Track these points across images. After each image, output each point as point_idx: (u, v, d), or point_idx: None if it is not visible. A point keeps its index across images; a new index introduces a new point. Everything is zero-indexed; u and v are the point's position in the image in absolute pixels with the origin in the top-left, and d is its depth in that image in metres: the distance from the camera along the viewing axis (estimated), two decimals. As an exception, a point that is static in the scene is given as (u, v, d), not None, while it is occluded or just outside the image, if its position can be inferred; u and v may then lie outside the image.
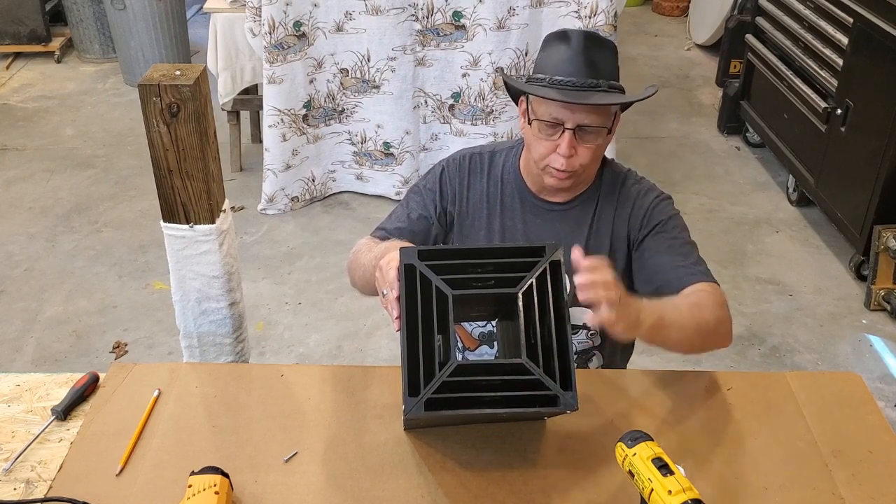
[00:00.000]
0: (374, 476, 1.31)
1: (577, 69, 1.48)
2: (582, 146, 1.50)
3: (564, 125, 1.48)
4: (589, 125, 1.49)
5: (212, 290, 1.61)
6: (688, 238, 1.60)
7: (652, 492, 1.05)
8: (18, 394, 1.49)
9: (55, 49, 5.34)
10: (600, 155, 1.58)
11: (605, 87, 1.48)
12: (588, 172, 1.58)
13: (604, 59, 1.50)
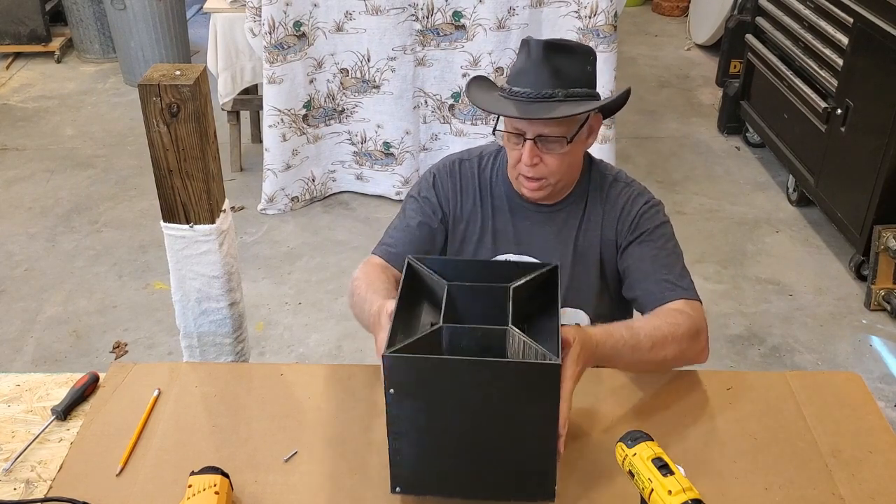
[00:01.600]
0: (373, 476, 1.31)
1: (533, 79, 1.46)
2: (547, 155, 1.50)
3: (525, 136, 1.49)
4: (549, 135, 1.48)
5: (212, 290, 1.61)
6: (674, 248, 1.58)
7: (652, 492, 1.05)
8: (18, 394, 1.49)
9: (55, 49, 5.34)
10: (574, 161, 1.56)
11: (562, 97, 1.45)
12: (565, 179, 1.57)
13: (567, 65, 1.46)
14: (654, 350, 1.39)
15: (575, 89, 1.46)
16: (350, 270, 3.55)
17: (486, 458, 1.23)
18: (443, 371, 1.17)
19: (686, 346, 1.43)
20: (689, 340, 1.44)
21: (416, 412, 1.19)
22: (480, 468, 1.24)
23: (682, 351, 1.43)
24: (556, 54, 1.46)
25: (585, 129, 1.52)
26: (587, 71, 1.49)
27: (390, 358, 1.15)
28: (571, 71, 1.46)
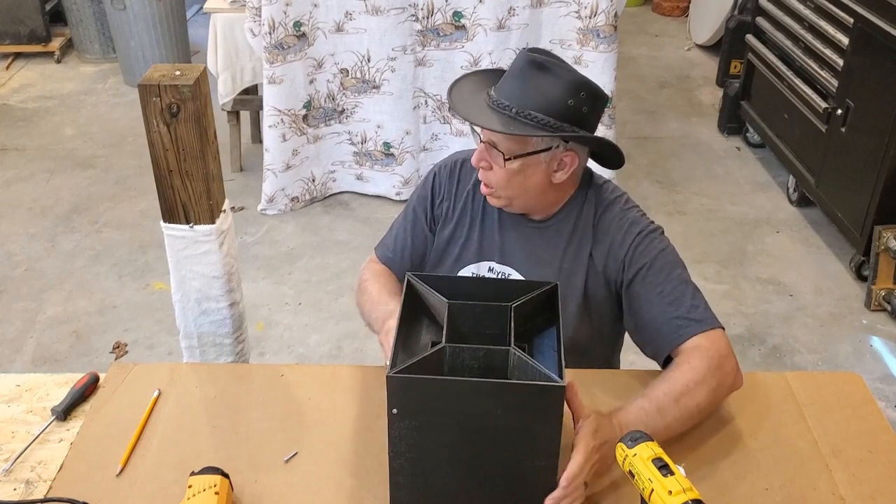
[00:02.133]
0: (374, 476, 1.31)
1: (503, 87, 1.44)
2: (496, 164, 1.47)
3: (481, 137, 1.48)
4: (494, 144, 1.45)
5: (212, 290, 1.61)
6: (679, 277, 1.48)
7: (652, 492, 1.05)
8: (18, 394, 1.49)
9: (55, 49, 5.34)
10: (528, 184, 1.48)
11: (513, 114, 1.40)
12: (522, 198, 1.51)
13: (542, 88, 1.40)
14: (681, 403, 1.33)
15: (534, 112, 1.39)
16: (350, 270, 3.57)
17: (487, 479, 1.22)
18: (446, 392, 1.16)
19: (715, 383, 1.36)
20: (715, 376, 1.36)
21: (417, 432, 1.19)
22: (480, 489, 1.23)
23: (713, 390, 1.36)
24: (537, 73, 1.41)
25: (545, 157, 1.45)
26: (566, 103, 1.39)
27: (393, 379, 1.15)
28: (543, 95, 1.40)
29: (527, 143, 1.44)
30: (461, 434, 1.19)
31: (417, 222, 1.67)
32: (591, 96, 1.42)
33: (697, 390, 1.34)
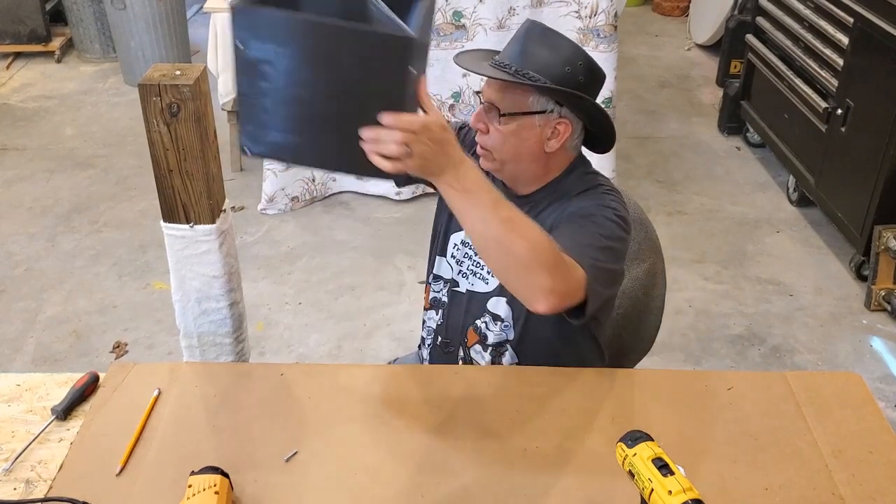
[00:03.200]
0: (374, 476, 1.31)
1: (505, 50, 1.52)
2: (492, 126, 1.51)
3: (482, 98, 1.53)
4: (492, 103, 1.50)
5: (212, 290, 1.60)
6: (597, 232, 1.44)
7: (652, 492, 1.05)
8: (18, 394, 1.49)
9: (55, 49, 5.34)
10: (521, 147, 1.50)
11: (512, 72, 1.47)
12: (513, 163, 1.53)
13: (542, 54, 1.47)
14: (510, 225, 1.24)
15: (533, 73, 1.46)
16: (350, 270, 3.57)
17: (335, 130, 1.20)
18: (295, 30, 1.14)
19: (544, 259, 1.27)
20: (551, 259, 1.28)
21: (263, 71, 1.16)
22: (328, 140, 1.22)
23: (539, 262, 1.26)
24: (536, 39, 1.49)
25: (539, 120, 1.49)
26: (565, 71, 1.46)
27: (239, 8, 1.13)
28: (541, 60, 1.47)
29: (523, 102, 1.48)
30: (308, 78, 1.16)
31: None
32: (589, 68, 1.49)
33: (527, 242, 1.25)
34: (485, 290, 1.63)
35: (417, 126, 1.14)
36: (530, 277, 1.26)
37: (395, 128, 1.13)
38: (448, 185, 1.21)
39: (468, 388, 1.49)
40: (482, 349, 1.65)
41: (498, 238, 1.24)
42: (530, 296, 1.28)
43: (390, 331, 2.99)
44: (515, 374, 1.53)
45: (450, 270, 1.70)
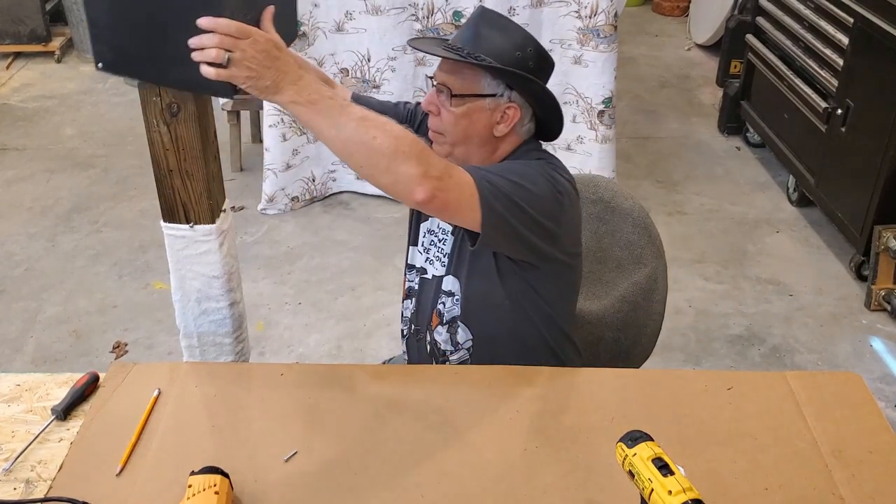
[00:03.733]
0: (374, 476, 1.31)
1: (457, 35, 1.56)
2: (443, 108, 1.54)
3: (434, 81, 1.56)
4: (443, 85, 1.53)
5: (212, 289, 1.60)
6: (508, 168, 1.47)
7: (652, 492, 1.05)
8: (18, 394, 1.49)
9: (55, 49, 5.34)
10: (470, 130, 1.53)
11: (464, 55, 1.49)
12: (466, 149, 1.56)
13: (493, 37, 1.51)
14: (365, 123, 1.26)
15: (484, 56, 1.49)
16: (350, 270, 3.57)
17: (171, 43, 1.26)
18: None
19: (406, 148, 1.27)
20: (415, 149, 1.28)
21: None
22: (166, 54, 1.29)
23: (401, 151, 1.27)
24: (488, 24, 1.52)
25: (489, 103, 1.51)
26: (515, 55, 1.50)
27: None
28: (493, 44, 1.50)
29: (474, 84, 1.52)
30: None
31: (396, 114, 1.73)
32: (538, 54, 1.53)
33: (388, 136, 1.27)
34: (441, 272, 1.66)
35: (234, 29, 1.20)
36: (400, 166, 1.27)
37: (214, 30, 1.19)
38: (292, 102, 1.25)
39: (468, 388, 1.49)
40: (441, 329, 1.67)
41: (355, 137, 1.25)
42: (404, 186, 1.29)
43: (390, 331, 2.99)
44: (515, 374, 1.53)
45: (419, 258, 1.72)
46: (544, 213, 1.47)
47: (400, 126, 1.30)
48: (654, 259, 1.85)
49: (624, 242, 1.90)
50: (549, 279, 1.59)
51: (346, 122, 1.25)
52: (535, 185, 1.46)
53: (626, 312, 1.88)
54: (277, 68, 1.23)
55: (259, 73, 1.22)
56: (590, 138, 3.66)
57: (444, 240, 1.67)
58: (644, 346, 1.88)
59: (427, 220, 1.72)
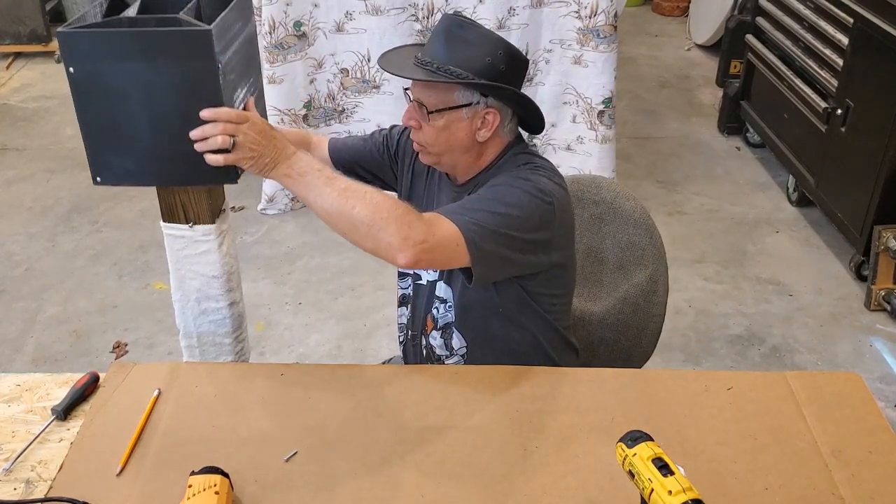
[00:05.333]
0: (374, 476, 1.31)
1: (427, 47, 1.53)
2: (423, 122, 1.55)
3: (411, 96, 1.57)
4: (420, 101, 1.53)
5: (212, 290, 1.61)
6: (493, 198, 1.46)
7: (652, 492, 1.05)
8: (18, 394, 1.49)
9: (55, 49, 5.34)
10: (453, 140, 1.53)
11: (434, 68, 1.48)
12: (448, 155, 1.56)
13: (457, 46, 1.49)
14: (346, 194, 1.33)
15: (454, 68, 1.47)
16: (350, 270, 3.57)
17: (171, 144, 1.35)
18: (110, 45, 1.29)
19: (386, 215, 1.33)
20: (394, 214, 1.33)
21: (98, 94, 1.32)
22: (168, 156, 1.37)
23: (380, 218, 1.32)
24: (456, 33, 1.50)
25: (467, 113, 1.51)
26: (484, 61, 1.48)
27: (62, 34, 1.30)
28: (462, 53, 1.48)
29: (449, 97, 1.52)
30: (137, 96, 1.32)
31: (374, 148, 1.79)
32: (509, 56, 1.51)
33: (367, 206, 1.33)
34: (433, 277, 1.66)
35: (235, 116, 1.31)
36: (379, 234, 1.33)
37: (216, 119, 1.30)
38: (285, 176, 1.36)
39: (468, 388, 1.49)
40: (435, 333, 1.68)
41: (338, 208, 1.34)
42: (386, 251, 1.35)
43: (390, 331, 2.99)
44: (515, 374, 1.53)
45: None
46: (535, 228, 1.48)
47: (381, 193, 1.36)
48: (655, 260, 1.85)
49: (625, 243, 1.90)
50: (545, 283, 1.59)
51: (329, 192, 1.34)
52: (522, 207, 1.46)
53: (627, 314, 1.87)
54: (274, 146, 1.35)
55: (260, 152, 1.34)
56: (590, 138, 3.66)
57: None
58: (644, 347, 1.87)
59: None
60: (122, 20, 1.40)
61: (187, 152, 1.34)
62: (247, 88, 1.48)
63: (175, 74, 1.31)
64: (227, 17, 1.38)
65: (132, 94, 1.33)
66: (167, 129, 1.36)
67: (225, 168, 1.36)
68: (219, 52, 1.32)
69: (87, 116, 1.36)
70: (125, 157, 1.39)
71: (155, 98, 1.33)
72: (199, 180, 1.46)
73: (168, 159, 1.39)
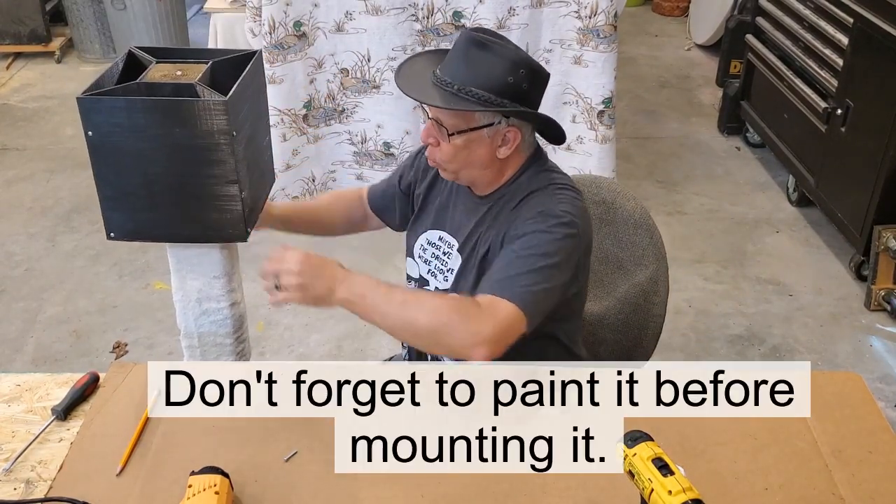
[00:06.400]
0: (374, 476, 1.31)
1: (446, 65, 1.48)
2: (442, 140, 1.51)
3: (428, 114, 1.52)
4: (439, 121, 1.49)
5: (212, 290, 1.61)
6: (533, 254, 1.44)
7: (652, 492, 1.05)
8: (18, 394, 1.49)
9: (55, 49, 5.34)
10: (473, 158, 1.51)
11: (455, 90, 1.44)
12: (468, 171, 1.54)
13: (483, 64, 1.44)
14: (405, 307, 1.37)
15: (475, 89, 1.43)
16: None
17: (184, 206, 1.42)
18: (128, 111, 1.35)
19: (447, 319, 1.34)
20: (455, 316, 1.35)
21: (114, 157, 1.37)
22: (181, 217, 1.43)
23: (442, 324, 1.34)
24: (477, 51, 1.45)
25: (488, 132, 1.48)
26: (506, 80, 1.44)
27: (81, 100, 1.35)
28: (482, 70, 1.44)
29: (470, 118, 1.48)
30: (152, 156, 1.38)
31: (395, 178, 1.80)
32: (531, 73, 1.47)
33: (428, 312, 1.36)
34: (444, 287, 1.66)
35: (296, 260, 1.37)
36: (448, 339, 1.36)
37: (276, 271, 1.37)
38: (346, 302, 1.38)
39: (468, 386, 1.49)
40: None
41: (401, 325, 1.38)
42: (461, 353, 1.38)
43: (390, 331, 2.99)
44: (514, 373, 1.53)
45: (417, 269, 1.72)
46: (571, 267, 1.50)
47: (437, 297, 1.40)
48: (656, 261, 1.85)
49: (625, 244, 1.90)
50: (565, 301, 1.59)
51: (389, 309, 1.37)
52: (558, 253, 1.46)
53: (627, 314, 1.87)
54: (322, 275, 1.38)
55: (308, 284, 1.37)
56: (590, 138, 3.66)
57: (448, 254, 1.65)
58: (645, 347, 1.88)
59: (424, 233, 1.70)
60: (140, 86, 1.43)
61: (199, 214, 1.41)
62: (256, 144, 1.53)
63: (190, 141, 1.36)
64: (241, 84, 1.42)
65: (148, 157, 1.38)
66: (181, 192, 1.41)
67: (235, 227, 1.44)
68: (233, 120, 1.36)
69: (103, 177, 1.40)
70: (139, 215, 1.44)
71: (169, 162, 1.38)
72: (211, 239, 1.51)
73: (181, 220, 1.45)
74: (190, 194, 1.41)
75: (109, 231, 1.45)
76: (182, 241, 1.51)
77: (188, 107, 1.35)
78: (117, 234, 1.46)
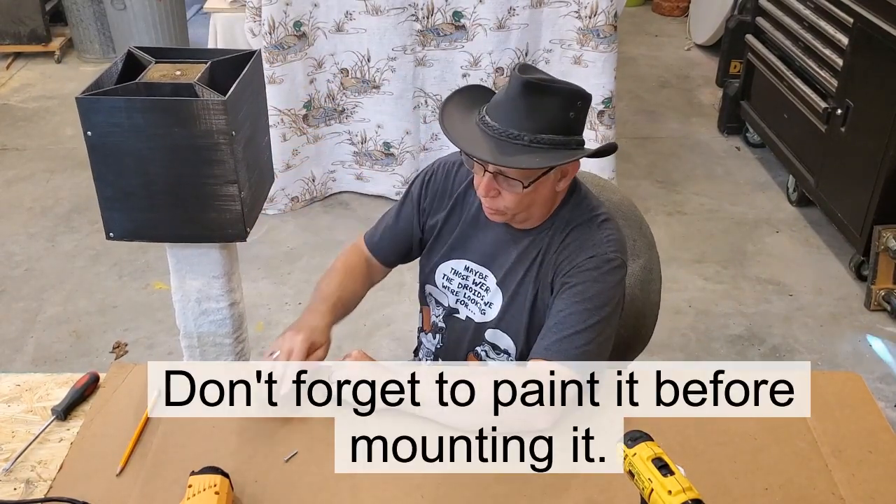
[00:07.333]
0: (374, 476, 1.31)
1: (504, 115, 1.40)
2: (505, 191, 1.45)
3: (486, 168, 1.43)
4: (507, 175, 1.42)
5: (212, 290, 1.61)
6: (587, 308, 1.44)
7: (652, 492, 1.05)
8: (18, 394, 1.49)
9: (55, 49, 5.34)
10: (537, 200, 1.48)
11: (527, 141, 1.38)
12: (527, 213, 1.51)
13: (545, 107, 1.38)
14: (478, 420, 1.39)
15: (544, 135, 1.38)
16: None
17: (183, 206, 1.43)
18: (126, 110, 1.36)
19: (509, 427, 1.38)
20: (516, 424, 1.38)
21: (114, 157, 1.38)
22: (180, 217, 1.44)
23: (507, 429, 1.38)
24: (537, 95, 1.38)
25: (554, 174, 1.45)
26: (568, 117, 1.40)
27: (81, 100, 1.36)
28: (547, 114, 1.39)
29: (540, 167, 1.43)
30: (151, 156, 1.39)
31: (405, 224, 1.73)
32: (585, 102, 1.43)
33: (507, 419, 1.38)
34: (482, 319, 1.61)
35: None
36: (510, 426, 1.38)
37: None
38: None
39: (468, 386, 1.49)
40: None
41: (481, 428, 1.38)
42: (527, 432, 1.38)
43: (390, 331, 2.99)
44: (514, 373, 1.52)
45: (445, 298, 1.67)
46: (621, 305, 1.52)
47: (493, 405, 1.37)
48: (647, 250, 1.86)
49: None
50: None
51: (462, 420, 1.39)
52: (610, 301, 1.47)
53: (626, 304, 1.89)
54: None
55: None
56: (590, 138, 3.66)
57: (481, 284, 1.61)
58: (643, 336, 1.89)
59: (446, 262, 1.65)
60: (139, 86, 1.44)
61: (198, 214, 1.42)
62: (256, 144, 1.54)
63: (189, 141, 1.37)
64: (240, 84, 1.43)
65: (147, 157, 1.39)
66: (180, 192, 1.42)
67: (234, 227, 1.45)
68: (232, 120, 1.37)
69: (102, 177, 1.42)
70: (138, 215, 1.45)
71: (169, 162, 1.39)
72: (210, 239, 1.52)
73: (180, 220, 1.46)
74: (189, 194, 1.42)
75: (109, 231, 1.46)
76: (181, 241, 1.51)
77: (187, 107, 1.35)
78: (117, 233, 1.46)
